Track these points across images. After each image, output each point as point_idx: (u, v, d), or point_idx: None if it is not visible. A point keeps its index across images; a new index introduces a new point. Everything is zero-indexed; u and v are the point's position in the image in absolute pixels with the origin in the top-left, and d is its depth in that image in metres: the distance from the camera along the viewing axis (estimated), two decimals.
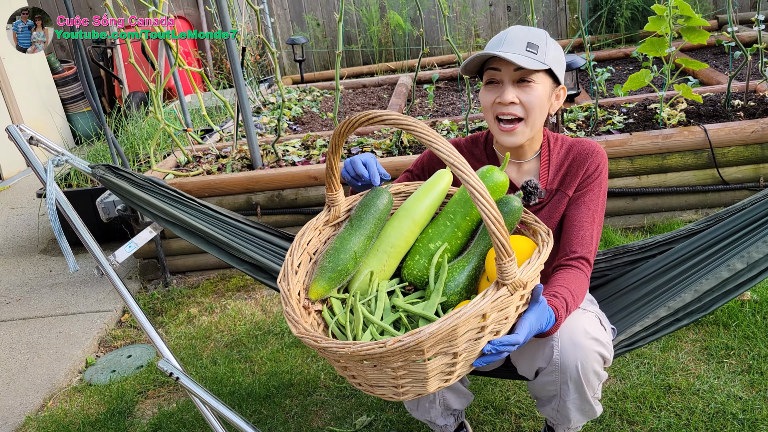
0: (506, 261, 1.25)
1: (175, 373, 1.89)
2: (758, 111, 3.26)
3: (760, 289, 2.57)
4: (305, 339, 1.33)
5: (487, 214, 1.21)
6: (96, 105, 3.28)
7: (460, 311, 1.23)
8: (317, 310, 1.57)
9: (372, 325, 1.47)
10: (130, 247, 2.15)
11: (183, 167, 3.65)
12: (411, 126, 1.25)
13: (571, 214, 1.68)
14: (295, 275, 1.54)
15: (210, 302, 3.20)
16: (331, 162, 1.52)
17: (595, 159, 1.69)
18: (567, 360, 1.51)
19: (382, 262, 1.60)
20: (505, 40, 1.58)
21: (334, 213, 1.64)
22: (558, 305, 1.46)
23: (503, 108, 1.59)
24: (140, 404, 2.52)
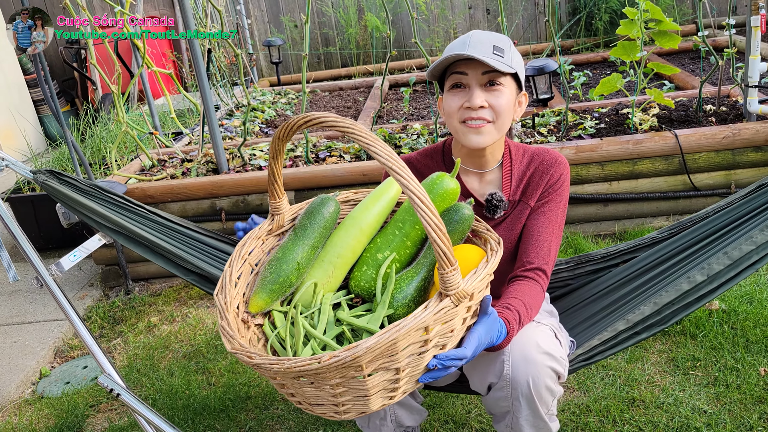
0: (449, 270, 1.19)
1: (116, 390, 1.81)
2: (730, 116, 3.22)
3: (729, 298, 2.53)
4: (239, 355, 1.25)
5: (428, 221, 1.14)
6: (55, 107, 3.18)
7: (400, 324, 1.17)
8: (258, 324, 1.50)
9: (313, 340, 1.39)
10: (75, 256, 2.07)
11: (147, 171, 3.56)
12: (348, 128, 1.18)
13: (530, 224, 1.63)
14: (235, 287, 1.46)
15: (171, 311, 3.11)
16: (273, 168, 1.44)
17: (557, 169, 1.64)
18: (518, 375, 1.45)
19: (328, 273, 1.52)
20: (469, 43, 1.52)
21: (277, 222, 1.57)
22: (510, 317, 1.40)
23: (472, 113, 1.53)
24: (91, 418, 2.43)
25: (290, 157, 3.45)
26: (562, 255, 3.02)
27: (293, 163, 3.37)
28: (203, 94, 3.25)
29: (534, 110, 3.57)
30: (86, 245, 2.15)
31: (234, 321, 1.39)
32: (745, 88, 3.08)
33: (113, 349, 2.89)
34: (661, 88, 4.10)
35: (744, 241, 1.70)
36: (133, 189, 3.25)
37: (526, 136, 3.32)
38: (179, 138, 4.30)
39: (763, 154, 3.02)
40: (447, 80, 1.58)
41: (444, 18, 6.35)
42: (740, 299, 2.51)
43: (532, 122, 3.44)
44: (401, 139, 3.48)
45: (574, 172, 3.07)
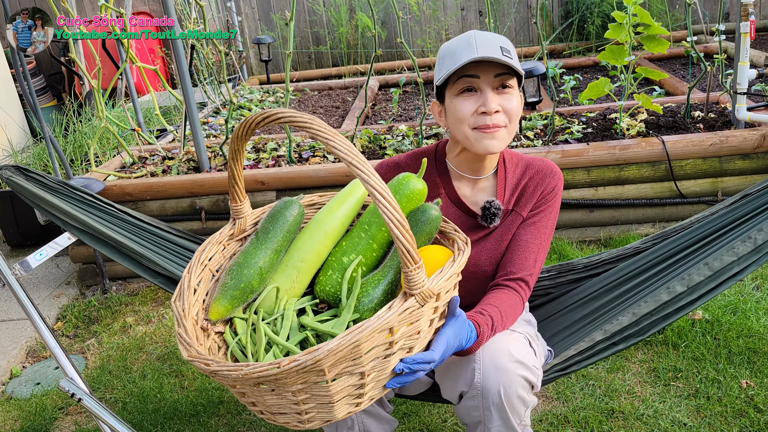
0: (412, 269, 1.14)
1: (78, 394, 1.75)
2: (718, 123, 3.18)
3: (712, 308, 2.49)
4: (195, 363, 1.19)
5: (389, 217, 1.09)
6: (33, 102, 3.12)
7: (363, 325, 1.12)
8: (219, 331, 1.44)
9: (276, 346, 1.33)
10: (41, 255, 2.01)
11: (128, 168, 3.50)
12: (306, 123, 1.13)
13: (519, 233, 1.58)
14: (194, 294, 1.40)
15: (148, 311, 3.05)
16: (233, 169, 1.39)
17: (552, 180, 1.60)
18: (489, 384, 1.40)
19: (292, 279, 1.46)
20: (475, 44, 1.45)
21: (239, 226, 1.51)
22: (481, 321, 1.37)
23: (487, 119, 1.46)
24: (59, 421, 2.37)
25: (273, 157, 3.40)
26: (545, 262, 2.97)
27: (276, 163, 3.31)
28: (185, 91, 3.20)
29: (521, 113, 3.53)
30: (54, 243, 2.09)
31: (192, 329, 1.32)
32: (734, 95, 3.04)
33: (87, 349, 2.82)
34: (651, 93, 4.06)
35: (725, 251, 1.66)
36: (111, 186, 3.19)
37: (513, 139, 3.28)
38: (164, 135, 4.24)
39: (751, 162, 2.98)
40: (453, 85, 1.49)
41: (436, 19, 6.30)
42: (724, 309, 2.48)
43: (519, 126, 3.40)
44: (386, 141, 3.43)
45: None
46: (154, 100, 3.92)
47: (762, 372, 2.16)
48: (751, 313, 2.45)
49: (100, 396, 2.46)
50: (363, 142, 3.41)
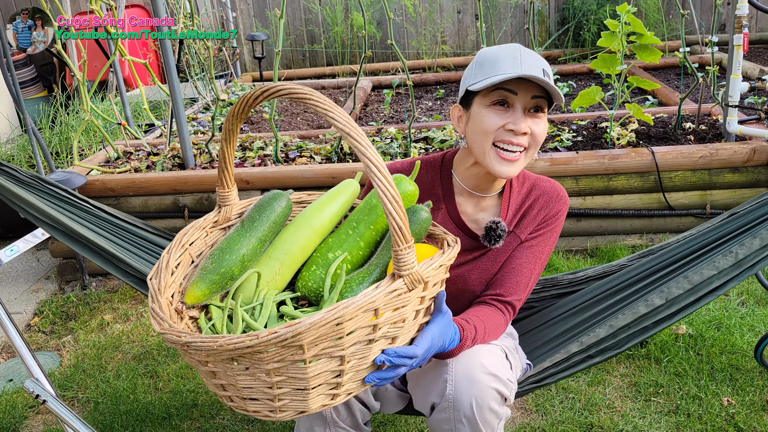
0: (403, 248, 1.11)
1: (42, 396, 1.71)
2: (709, 135, 3.16)
3: (696, 322, 2.46)
4: (167, 336, 1.15)
5: (384, 192, 1.07)
6: (16, 92, 3.07)
7: (348, 301, 1.08)
8: (193, 316, 1.37)
9: (251, 331, 1.29)
10: (12, 250, 1.97)
11: (112, 163, 3.45)
12: (305, 95, 1.10)
13: (515, 255, 1.53)
14: (171, 275, 1.34)
15: (126, 309, 3.01)
16: (225, 152, 1.33)
17: (557, 204, 1.55)
18: (461, 396, 1.37)
19: (274, 270, 1.42)
20: (521, 59, 1.39)
21: (224, 214, 1.46)
22: (466, 327, 1.34)
23: (513, 137, 1.41)
24: (30, 420, 2.32)
25: (259, 156, 3.36)
26: None
27: (262, 162, 3.27)
28: (171, 86, 3.15)
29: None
30: (27, 239, 2.05)
31: (166, 307, 1.27)
32: (726, 107, 3.02)
33: (62, 346, 2.77)
34: (644, 102, 4.04)
35: (705, 266, 1.64)
36: (93, 181, 3.14)
37: None
38: (152, 130, 4.19)
39: (740, 175, 2.96)
40: (488, 94, 1.42)
41: (432, 21, 6.27)
42: (708, 324, 2.45)
43: None
44: (375, 143, 3.39)
45: None
46: (143, 94, 3.86)
47: (744, 390, 2.13)
48: (735, 329, 2.42)
49: (72, 395, 2.41)
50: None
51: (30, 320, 3.02)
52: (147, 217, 3.19)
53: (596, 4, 5.73)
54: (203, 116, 4.44)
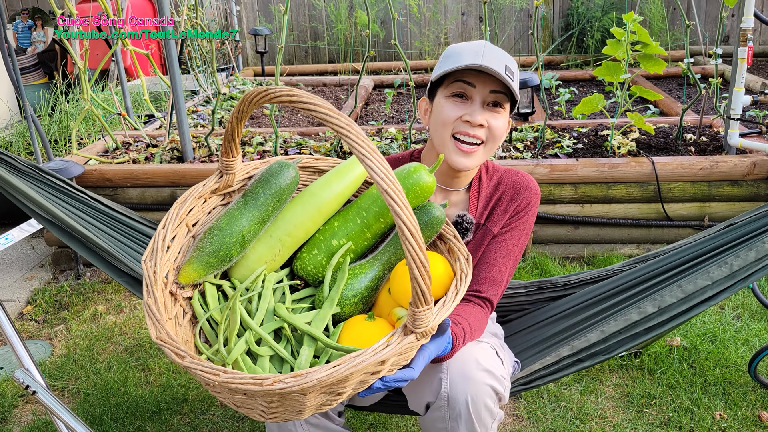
0: (423, 309, 1.09)
1: (33, 386, 1.69)
2: (709, 147, 3.16)
3: (691, 334, 2.46)
4: (165, 349, 1.12)
5: (412, 254, 1.03)
6: (16, 79, 3.05)
7: (358, 359, 1.06)
8: (187, 297, 1.34)
9: (249, 331, 1.26)
10: (6, 239, 1.95)
11: (111, 153, 3.43)
12: (311, 105, 1.06)
13: (488, 250, 1.53)
14: (166, 252, 1.29)
15: (120, 300, 2.99)
16: (234, 127, 1.28)
17: (527, 196, 1.55)
18: (456, 394, 1.37)
19: (274, 251, 1.38)
20: (483, 54, 1.40)
21: (225, 181, 1.40)
22: (457, 332, 1.34)
23: (469, 128, 1.43)
24: (19, 409, 2.30)
25: (258, 152, 3.34)
26: (526, 276, 2.94)
27: (261, 158, 3.26)
28: (172, 78, 3.13)
29: (513, 124, 3.49)
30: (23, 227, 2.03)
31: (162, 297, 1.23)
32: (727, 120, 3.02)
33: (54, 336, 2.76)
34: (645, 112, 4.04)
35: (700, 275, 1.64)
36: (91, 171, 3.12)
37: (502, 150, 3.24)
38: (151, 121, 4.18)
39: (740, 189, 2.96)
40: (448, 85, 1.45)
41: (436, 22, 6.25)
42: (702, 337, 2.45)
43: (509, 137, 3.36)
44: (374, 142, 3.38)
45: (546, 192, 2.99)
46: (144, 84, 3.85)
47: (736, 404, 2.13)
48: (730, 342, 2.42)
49: (62, 386, 2.40)
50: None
51: (23, 308, 3.01)
52: (144, 209, 3.17)
53: (601, 11, 5.73)
54: (203, 109, 4.43)
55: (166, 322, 1.16)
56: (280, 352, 1.25)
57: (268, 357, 1.25)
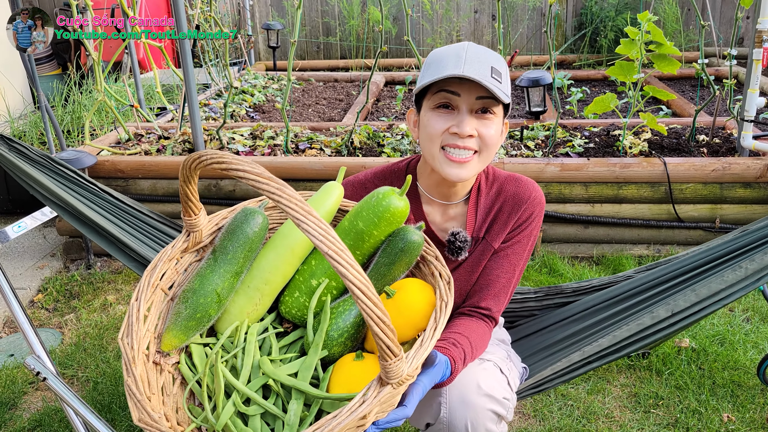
0: (392, 362, 1.03)
1: (43, 373, 1.71)
2: (722, 149, 3.14)
3: (700, 336, 2.45)
4: (147, 430, 1.08)
5: (368, 313, 0.97)
6: (31, 69, 3.07)
7: (335, 420, 1.01)
8: (174, 362, 1.31)
9: (235, 393, 1.23)
10: (20, 227, 1.97)
11: (123, 145, 3.45)
12: (235, 168, 1.01)
13: (490, 266, 1.46)
14: (144, 323, 1.25)
15: (129, 291, 3.01)
16: (185, 190, 1.25)
17: (529, 206, 1.45)
18: (455, 420, 1.33)
19: (254, 302, 1.34)
20: (465, 59, 1.31)
21: (193, 239, 1.36)
22: (456, 356, 1.28)
23: (458, 140, 1.33)
24: (28, 396, 2.33)
25: (269, 145, 3.35)
26: (534, 275, 2.93)
27: (272, 152, 3.26)
28: (185, 71, 3.14)
29: (524, 122, 3.48)
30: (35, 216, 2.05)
31: (143, 372, 1.19)
32: (741, 121, 3.00)
33: (64, 324, 2.78)
34: (658, 113, 4.02)
35: (714, 279, 1.62)
36: (103, 162, 3.14)
37: (513, 148, 3.23)
38: (163, 114, 4.20)
39: (752, 191, 2.94)
40: (432, 96, 1.35)
41: (448, 19, 6.24)
42: (711, 339, 2.44)
43: (520, 135, 3.35)
44: (385, 138, 3.38)
45: (556, 191, 2.98)
46: (156, 77, 3.87)
47: (744, 407, 2.12)
48: (739, 345, 2.41)
49: (72, 374, 2.42)
50: (362, 138, 3.36)
51: (34, 296, 3.03)
52: (155, 200, 3.19)
53: (615, 11, 5.70)
54: (215, 102, 4.44)
55: (146, 402, 1.12)
56: (269, 408, 1.22)
57: (258, 416, 1.22)
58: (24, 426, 2.16)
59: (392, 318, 1.27)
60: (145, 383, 1.17)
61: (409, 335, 1.28)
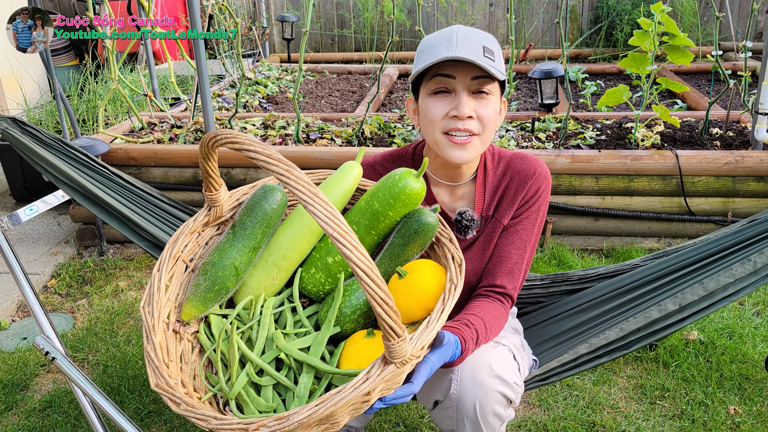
0: (395, 342, 1.05)
1: (52, 353, 1.74)
2: (735, 142, 3.11)
3: (708, 329, 2.43)
4: (164, 396, 1.14)
5: (372, 294, 0.99)
6: (47, 59, 3.11)
7: (339, 396, 1.04)
8: (193, 331, 1.36)
9: (249, 364, 1.28)
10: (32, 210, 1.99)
11: (136, 133, 3.48)
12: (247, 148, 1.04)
13: (501, 243, 1.48)
14: (165, 292, 1.30)
15: (141, 277, 3.05)
16: (205, 167, 1.29)
17: (535, 181, 1.47)
18: (464, 398, 1.34)
19: (271, 276, 1.39)
20: (456, 41, 1.33)
21: (214, 213, 1.40)
22: (467, 336, 1.29)
23: (459, 123, 1.35)
24: (40, 378, 2.36)
25: (280, 135, 3.37)
26: (543, 267, 2.93)
27: (282, 141, 3.28)
28: (198, 61, 3.16)
29: (536, 114, 3.47)
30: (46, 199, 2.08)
31: (163, 340, 1.24)
32: (755, 114, 2.97)
33: (76, 309, 2.82)
34: (671, 106, 3.99)
35: (723, 273, 1.61)
36: (116, 149, 3.17)
37: (524, 140, 3.22)
38: (177, 104, 4.23)
39: (765, 184, 2.91)
40: (427, 82, 1.38)
41: (463, 12, 6.22)
42: (720, 332, 2.42)
43: (531, 127, 3.34)
44: (396, 129, 3.39)
45: (566, 182, 2.97)
46: (171, 67, 3.90)
47: (752, 400, 2.10)
48: (748, 338, 2.39)
49: (83, 357, 2.45)
50: (372, 129, 3.37)
51: (47, 282, 3.07)
52: (166, 188, 3.22)
53: (631, 4, 5.65)
54: (228, 93, 4.47)
55: (164, 368, 1.17)
56: (281, 380, 1.26)
57: (270, 386, 1.26)
58: (35, 407, 2.19)
59: (403, 298, 1.29)
60: (163, 350, 1.23)
61: (418, 315, 1.30)
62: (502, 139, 3.18)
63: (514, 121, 3.50)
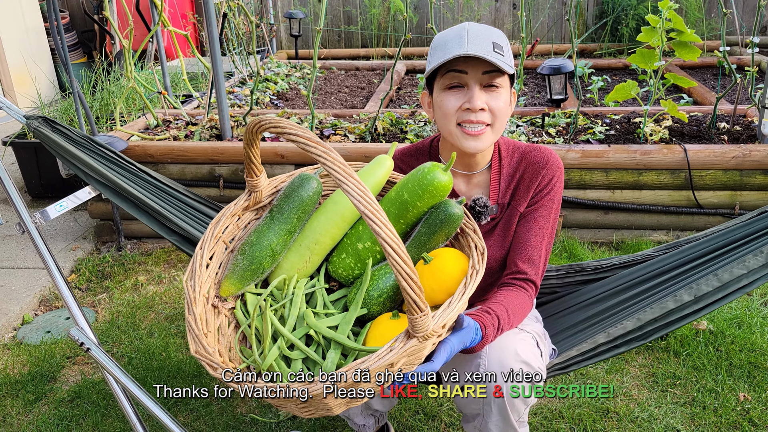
0: (418, 316, 1.13)
1: (86, 344, 1.80)
2: (743, 136, 3.16)
3: (717, 319, 2.49)
4: (202, 361, 1.23)
5: (398, 268, 1.06)
6: (64, 57, 3.16)
7: (363, 365, 1.12)
8: (231, 307, 1.46)
9: (281, 338, 1.36)
10: (62, 206, 2.05)
11: (152, 130, 3.54)
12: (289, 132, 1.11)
13: (519, 231, 1.56)
14: (206, 269, 1.41)
15: (160, 272, 3.11)
16: (248, 152, 1.39)
17: (549, 171, 1.56)
18: None
19: (305, 259, 1.48)
20: (467, 38, 1.42)
21: (254, 198, 1.51)
22: (488, 322, 1.35)
23: (471, 115, 1.45)
24: (66, 369, 2.43)
25: None
26: (555, 260, 2.98)
27: None
28: (213, 59, 3.22)
29: (545, 110, 3.52)
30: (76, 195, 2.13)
31: (202, 312, 1.34)
32: (762, 109, 3.02)
33: (98, 303, 2.88)
34: (679, 101, 4.03)
35: (736, 264, 1.66)
36: (133, 146, 3.23)
37: (534, 135, 3.28)
38: (189, 101, 4.28)
39: None
40: (441, 78, 1.48)
41: (469, 8, 6.27)
42: (729, 322, 2.48)
43: (541, 122, 3.40)
44: (408, 125, 3.44)
45: (577, 176, 3.03)
46: (183, 65, 3.95)
47: (761, 387, 2.16)
48: (757, 328, 2.45)
49: (107, 349, 2.52)
50: (385, 125, 3.42)
51: (67, 277, 3.14)
52: (183, 184, 3.26)
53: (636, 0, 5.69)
54: (239, 90, 4.52)
55: (203, 337, 1.25)
56: (310, 354, 1.33)
57: (300, 360, 1.34)
58: (63, 397, 2.26)
59: (427, 282, 1.37)
60: (203, 322, 1.32)
61: (441, 299, 1.37)
62: (513, 135, 3.23)
63: (524, 117, 3.55)
